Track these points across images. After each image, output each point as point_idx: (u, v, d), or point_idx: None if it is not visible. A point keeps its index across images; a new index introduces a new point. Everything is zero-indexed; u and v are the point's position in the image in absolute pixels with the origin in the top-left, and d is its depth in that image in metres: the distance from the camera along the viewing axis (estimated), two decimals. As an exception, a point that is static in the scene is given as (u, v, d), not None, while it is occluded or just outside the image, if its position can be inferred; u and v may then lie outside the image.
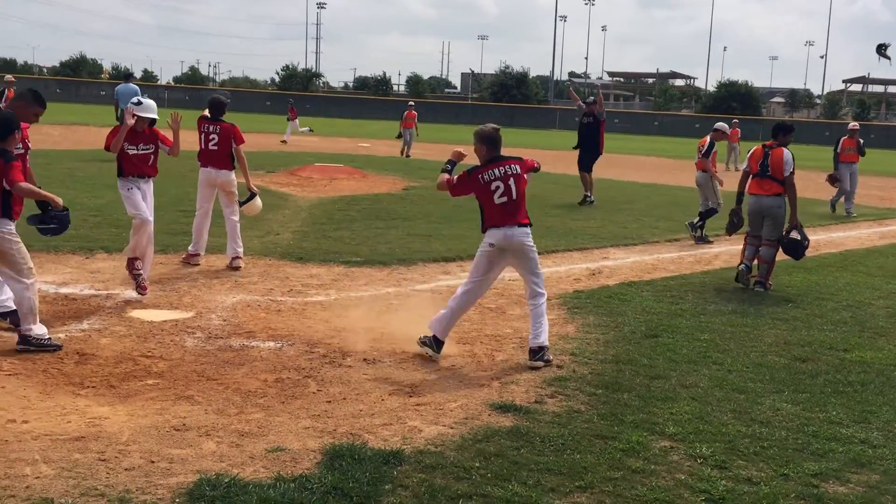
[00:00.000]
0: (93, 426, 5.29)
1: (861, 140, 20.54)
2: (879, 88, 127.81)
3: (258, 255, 10.95)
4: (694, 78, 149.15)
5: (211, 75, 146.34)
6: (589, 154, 18.88)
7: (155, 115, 8.67)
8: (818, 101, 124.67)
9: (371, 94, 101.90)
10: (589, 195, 18.56)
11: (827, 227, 17.12)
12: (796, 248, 10.56)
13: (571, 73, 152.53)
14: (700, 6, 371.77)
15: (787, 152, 10.61)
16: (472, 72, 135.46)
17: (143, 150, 8.58)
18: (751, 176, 10.83)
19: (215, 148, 10.20)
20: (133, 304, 8.30)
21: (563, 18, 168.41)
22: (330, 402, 5.94)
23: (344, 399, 6.01)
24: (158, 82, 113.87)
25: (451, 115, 78.55)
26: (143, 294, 8.53)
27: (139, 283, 8.57)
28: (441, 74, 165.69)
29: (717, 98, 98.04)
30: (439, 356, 6.99)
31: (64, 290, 8.71)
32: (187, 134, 10.17)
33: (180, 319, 7.88)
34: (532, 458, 5.08)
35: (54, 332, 7.23)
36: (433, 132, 34.88)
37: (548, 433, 5.47)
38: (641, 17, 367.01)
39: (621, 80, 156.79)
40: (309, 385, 6.27)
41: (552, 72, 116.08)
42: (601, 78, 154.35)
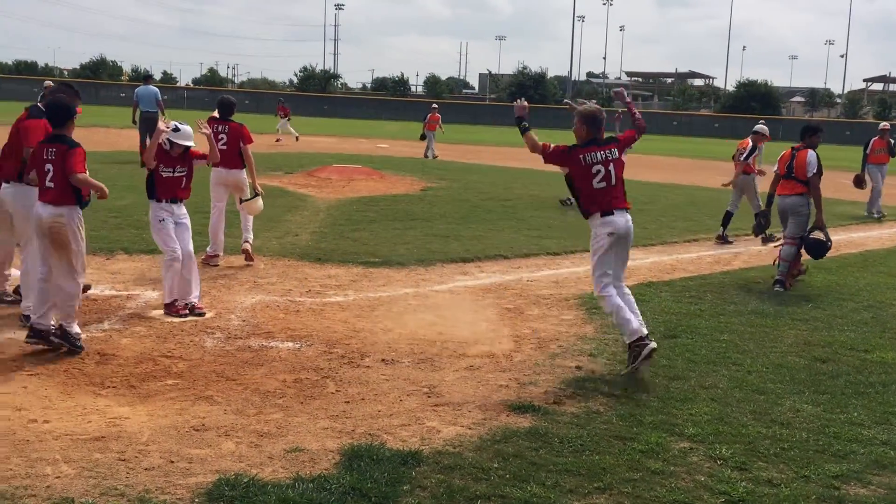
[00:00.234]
0: (113, 426, 5.33)
1: (892, 140, 20.10)
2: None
3: (277, 256, 10.98)
4: (713, 77, 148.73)
5: (230, 77, 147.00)
6: None
7: (192, 144, 8.36)
8: (838, 100, 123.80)
9: (389, 95, 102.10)
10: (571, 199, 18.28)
11: (847, 228, 16.99)
12: (818, 248, 10.56)
13: (589, 74, 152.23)
14: (719, 5, 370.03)
15: (811, 153, 10.64)
16: (490, 72, 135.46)
17: (178, 174, 8.25)
18: (780, 178, 10.91)
19: (224, 147, 10.24)
20: (153, 305, 8.34)
21: (581, 18, 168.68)
22: (348, 402, 5.95)
23: (362, 399, 6.01)
24: (177, 84, 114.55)
25: (469, 116, 78.58)
26: (203, 314, 8.12)
27: (194, 312, 8.11)
28: (459, 75, 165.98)
29: (737, 98, 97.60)
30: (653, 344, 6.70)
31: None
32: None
33: (200, 320, 7.91)
34: (550, 458, 5.07)
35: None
36: (451, 133, 34.87)
37: (566, 434, 5.45)
38: (660, 16, 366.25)
39: (640, 79, 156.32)
40: (327, 385, 6.29)
41: (570, 72, 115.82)
42: (619, 78, 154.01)
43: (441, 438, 5.34)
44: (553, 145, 6.99)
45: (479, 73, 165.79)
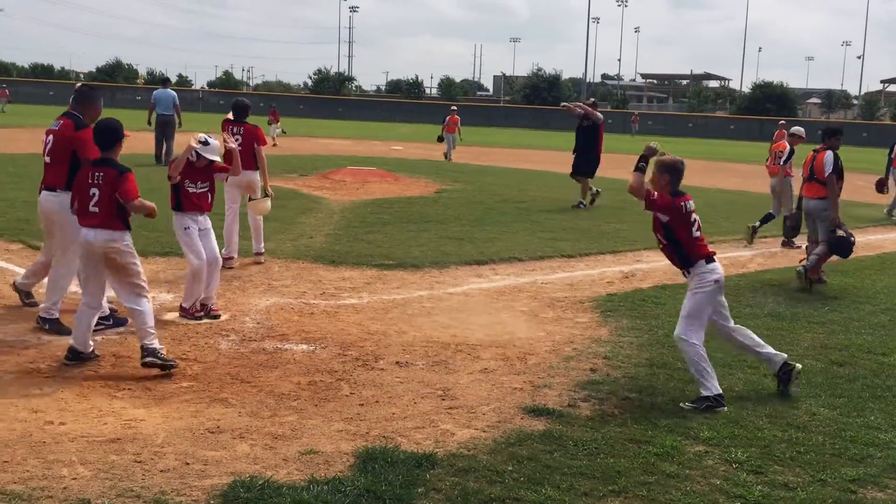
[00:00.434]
0: (129, 428, 5.35)
1: None
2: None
3: (291, 259, 11.01)
4: (728, 79, 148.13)
5: (244, 79, 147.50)
6: (585, 158, 18.60)
7: (218, 159, 8.37)
8: (855, 101, 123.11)
9: (403, 98, 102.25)
10: (584, 201, 18.21)
11: (864, 230, 16.87)
12: (843, 246, 10.70)
13: (604, 76, 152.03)
14: (734, 6, 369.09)
15: (828, 154, 10.79)
16: (504, 74, 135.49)
17: (202, 189, 8.22)
18: (804, 181, 11.14)
19: (239, 149, 10.29)
20: (168, 307, 8.38)
21: (596, 20, 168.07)
22: (363, 405, 5.95)
23: (377, 402, 6.02)
24: (193, 87, 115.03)
25: (484, 118, 78.61)
26: (218, 316, 8.18)
27: (210, 314, 8.16)
28: (473, 77, 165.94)
29: (752, 99, 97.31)
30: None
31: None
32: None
33: (214, 322, 7.94)
34: (565, 461, 5.06)
35: (91, 335, 7.31)
36: (465, 135, 34.85)
37: (581, 437, 5.44)
38: (675, 18, 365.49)
39: (655, 81, 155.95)
40: (342, 388, 6.30)
41: (585, 74, 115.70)
42: (633, 80, 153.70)
43: (455, 441, 5.34)
44: (658, 194, 6.59)
45: (494, 76, 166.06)
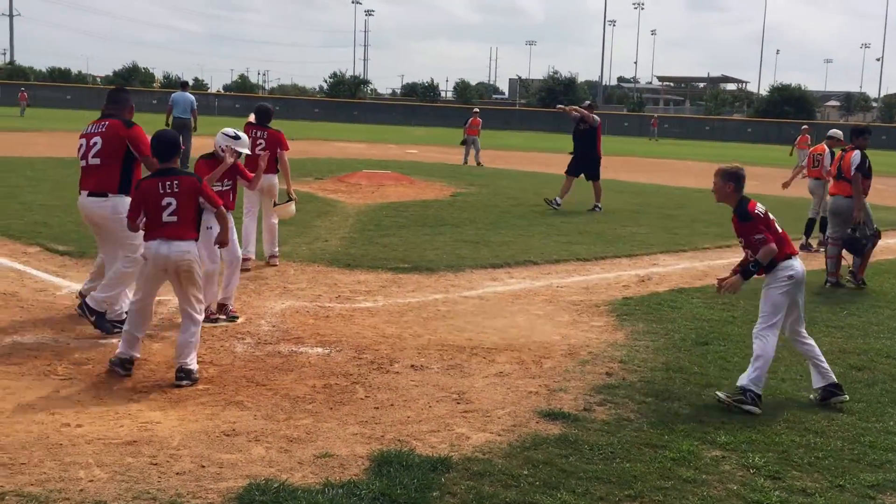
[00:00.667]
0: (145, 430, 5.37)
1: None
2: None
3: (306, 262, 11.03)
4: (746, 82, 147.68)
5: (260, 83, 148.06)
6: (584, 161, 18.55)
7: (248, 151, 8.54)
8: (874, 104, 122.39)
9: (418, 101, 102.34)
10: (599, 205, 18.19)
11: (883, 233, 16.72)
12: (854, 244, 10.80)
13: (620, 79, 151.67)
14: (752, 9, 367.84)
15: (856, 153, 10.97)
16: (520, 77, 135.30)
17: (226, 187, 8.28)
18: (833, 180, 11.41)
19: (263, 153, 10.36)
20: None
21: (612, 23, 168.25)
22: (378, 408, 5.95)
23: (392, 405, 6.02)
24: (209, 90, 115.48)
25: (500, 122, 78.58)
26: (237, 317, 8.21)
27: (229, 315, 8.19)
28: (489, 80, 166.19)
29: (770, 102, 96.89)
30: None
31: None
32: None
33: (230, 325, 7.96)
34: (581, 466, 5.04)
35: (107, 337, 7.36)
36: (481, 138, 34.83)
37: (597, 441, 5.42)
38: (692, 20, 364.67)
39: (671, 84, 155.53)
40: (357, 391, 6.29)
41: (601, 76, 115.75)
42: (650, 82, 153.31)
43: (470, 445, 5.33)
44: (765, 234, 6.48)
45: (509, 79, 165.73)
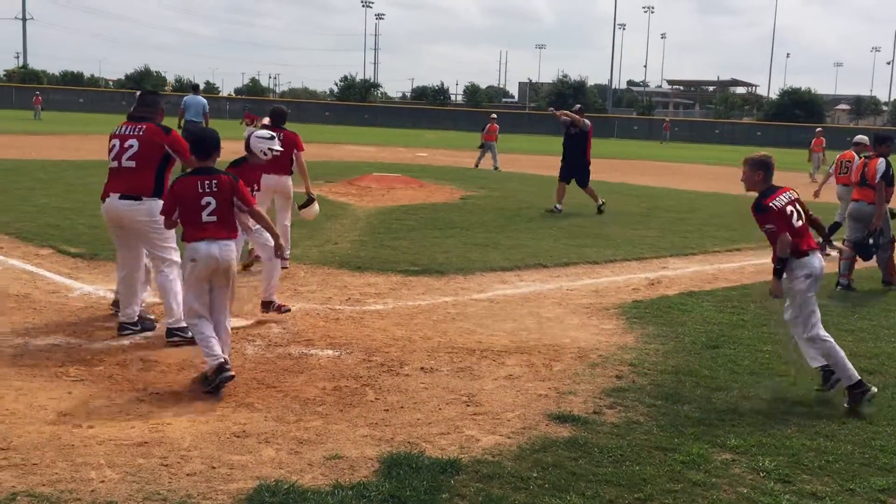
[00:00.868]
0: (156, 432, 5.39)
1: None
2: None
3: (317, 264, 11.05)
4: (756, 85, 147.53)
5: (271, 86, 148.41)
6: (573, 166, 18.50)
7: (281, 149, 8.77)
8: (885, 108, 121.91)
9: (428, 104, 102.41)
10: (601, 203, 18.22)
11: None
12: (864, 249, 10.77)
13: (630, 82, 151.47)
14: (761, 12, 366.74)
15: (881, 161, 11.10)
16: (530, 81, 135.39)
17: (255, 192, 8.31)
18: (855, 185, 11.46)
19: (278, 154, 10.41)
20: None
21: (622, 26, 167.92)
22: (387, 410, 5.96)
23: (401, 408, 6.02)
24: (220, 94, 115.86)
25: (509, 125, 78.30)
26: (289, 310, 8.37)
27: (280, 310, 8.34)
28: (498, 84, 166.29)
29: (780, 105, 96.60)
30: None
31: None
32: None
33: (241, 327, 7.97)
34: (590, 469, 5.04)
35: (120, 338, 7.39)
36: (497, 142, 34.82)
37: (606, 444, 5.42)
38: (701, 24, 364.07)
39: (681, 88, 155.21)
40: (367, 393, 6.31)
41: (610, 80, 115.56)
42: (660, 86, 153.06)
43: (480, 447, 5.33)
44: (775, 225, 6.54)
45: (519, 82, 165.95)
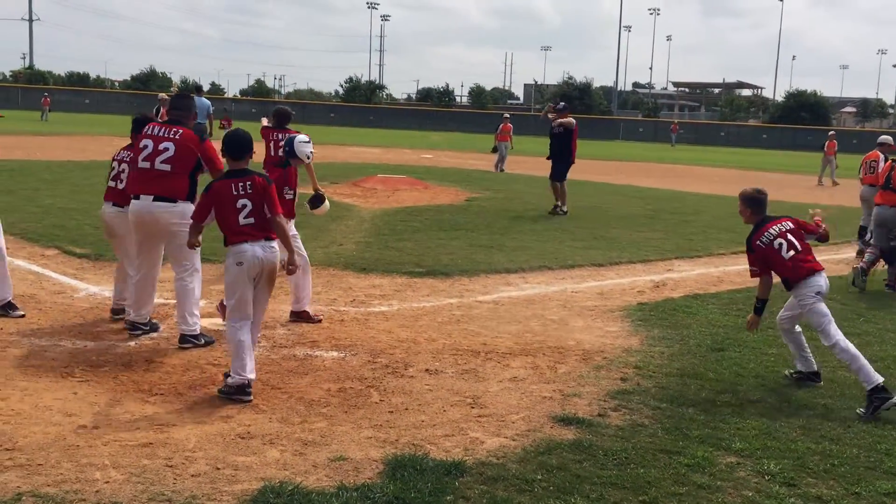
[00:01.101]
0: (160, 433, 5.40)
1: None
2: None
3: (322, 266, 11.05)
4: (761, 88, 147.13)
5: (276, 88, 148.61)
6: (561, 164, 18.44)
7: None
8: (891, 110, 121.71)
9: (434, 106, 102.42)
10: (560, 205, 17.97)
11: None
12: (892, 254, 11.10)
13: (635, 84, 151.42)
14: (767, 14, 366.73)
15: None
16: (535, 82, 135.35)
17: (289, 196, 8.36)
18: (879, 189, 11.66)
19: (283, 155, 10.43)
20: (201, 314, 8.42)
21: (628, 28, 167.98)
22: (392, 412, 5.96)
23: (406, 409, 6.03)
24: (225, 95, 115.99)
25: (515, 127, 78.41)
26: (320, 320, 8.35)
27: (312, 320, 8.32)
28: (504, 85, 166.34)
29: (786, 108, 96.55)
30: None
31: (134, 298, 8.88)
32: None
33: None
34: (595, 471, 5.03)
35: (125, 340, 7.41)
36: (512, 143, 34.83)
37: (611, 447, 5.41)
38: (707, 26, 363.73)
39: (686, 90, 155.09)
40: (371, 395, 6.31)
41: (616, 82, 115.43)
42: (665, 88, 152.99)
43: (484, 449, 5.33)
44: (757, 267, 6.95)
45: (525, 84, 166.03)
